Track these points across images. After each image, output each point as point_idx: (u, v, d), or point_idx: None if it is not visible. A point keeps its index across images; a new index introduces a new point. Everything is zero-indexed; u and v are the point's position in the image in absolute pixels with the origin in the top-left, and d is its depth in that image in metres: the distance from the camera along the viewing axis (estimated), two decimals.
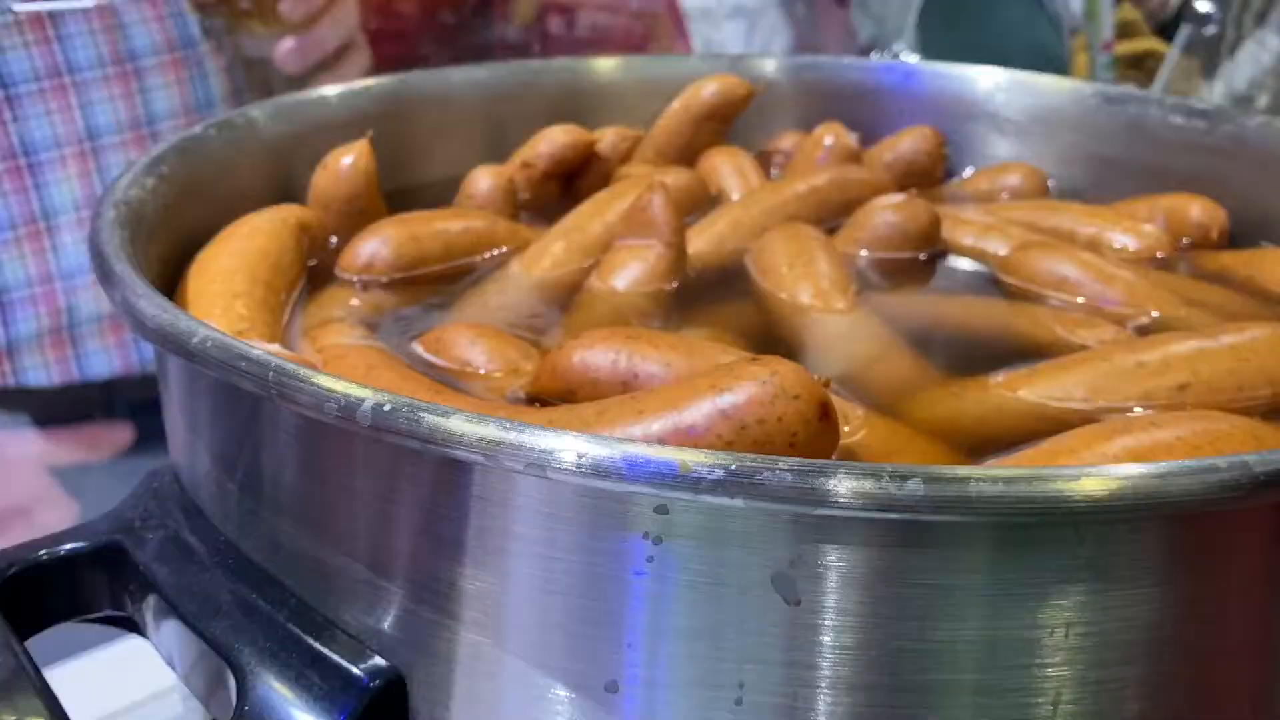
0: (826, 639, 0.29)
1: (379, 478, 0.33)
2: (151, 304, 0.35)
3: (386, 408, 0.29)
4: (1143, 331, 0.52)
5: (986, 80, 0.74)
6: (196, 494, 0.41)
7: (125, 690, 0.66)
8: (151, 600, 0.40)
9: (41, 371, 1.03)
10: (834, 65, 0.77)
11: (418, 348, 0.48)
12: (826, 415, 0.37)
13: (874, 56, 1.19)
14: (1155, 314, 0.54)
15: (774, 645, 0.30)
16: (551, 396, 0.43)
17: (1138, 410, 0.44)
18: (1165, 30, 2.15)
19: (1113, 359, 0.46)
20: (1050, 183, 0.72)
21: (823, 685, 0.30)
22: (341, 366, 0.45)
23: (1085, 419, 0.43)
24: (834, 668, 0.30)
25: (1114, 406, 0.44)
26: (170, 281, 0.50)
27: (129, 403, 1.09)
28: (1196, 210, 0.64)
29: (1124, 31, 2.15)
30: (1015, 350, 0.51)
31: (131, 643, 0.50)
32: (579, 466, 0.27)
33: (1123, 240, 0.63)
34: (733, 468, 0.26)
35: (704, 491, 0.26)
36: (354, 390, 0.29)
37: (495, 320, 0.53)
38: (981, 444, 0.43)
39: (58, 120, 1.00)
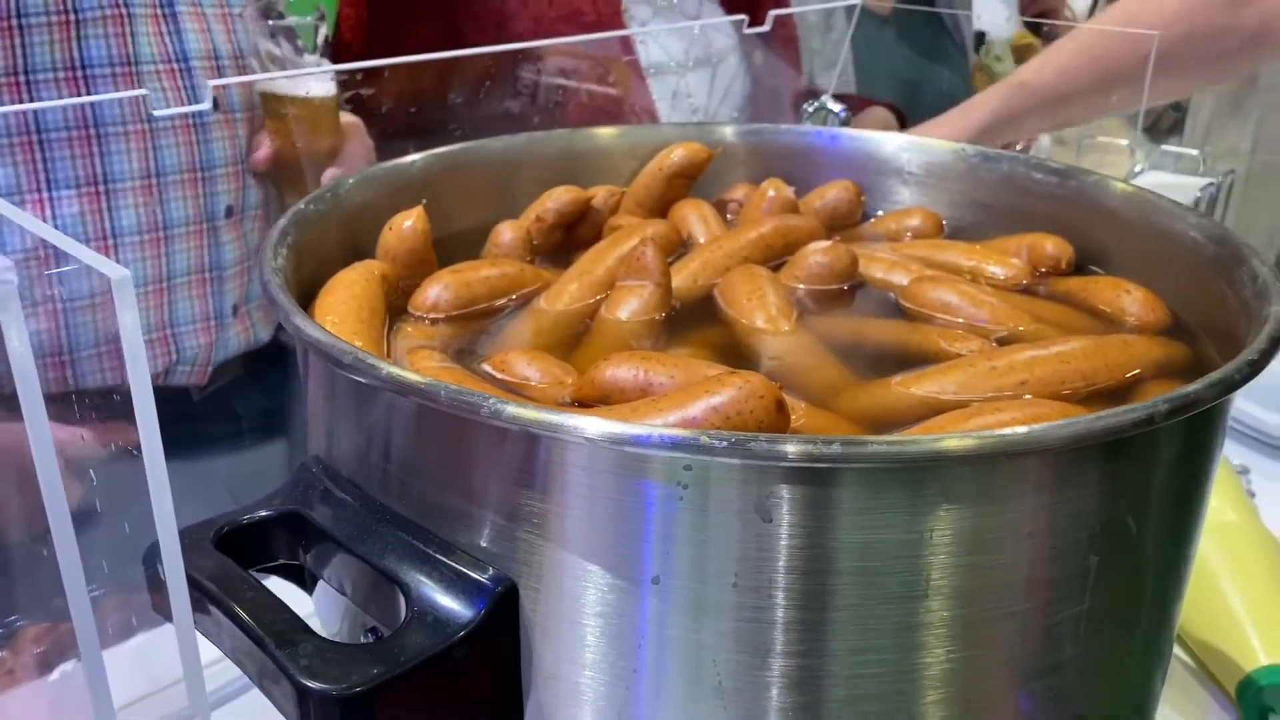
0: (786, 543, 0.49)
1: (486, 449, 0.51)
2: (344, 347, 0.53)
3: (520, 410, 0.48)
4: (1004, 343, 0.71)
5: (892, 143, 0.94)
6: (347, 470, 0.60)
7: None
8: (324, 547, 0.58)
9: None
10: (775, 131, 0.97)
11: (487, 367, 0.66)
12: (781, 408, 0.56)
13: (805, 107, 1.39)
14: (1014, 329, 0.74)
15: (756, 548, 0.49)
16: (591, 400, 0.62)
17: (987, 397, 0.64)
18: None
19: (976, 364, 0.65)
20: (944, 223, 0.92)
21: (782, 572, 0.49)
22: None
23: (956, 407, 0.63)
24: (789, 561, 0.49)
25: (976, 398, 0.64)
26: None
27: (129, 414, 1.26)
28: (1050, 246, 0.84)
29: (1024, 56, 2.39)
30: (910, 358, 0.70)
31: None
32: (652, 442, 0.46)
33: (995, 271, 0.84)
34: (733, 440, 0.45)
35: (716, 455, 0.45)
36: (497, 400, 0.48)
37: (536, 344, 0.72)
38: (884, 427, 0.62)
39: (80, 164, 1.16)
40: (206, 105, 0.89)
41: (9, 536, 0.86)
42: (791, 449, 0.45)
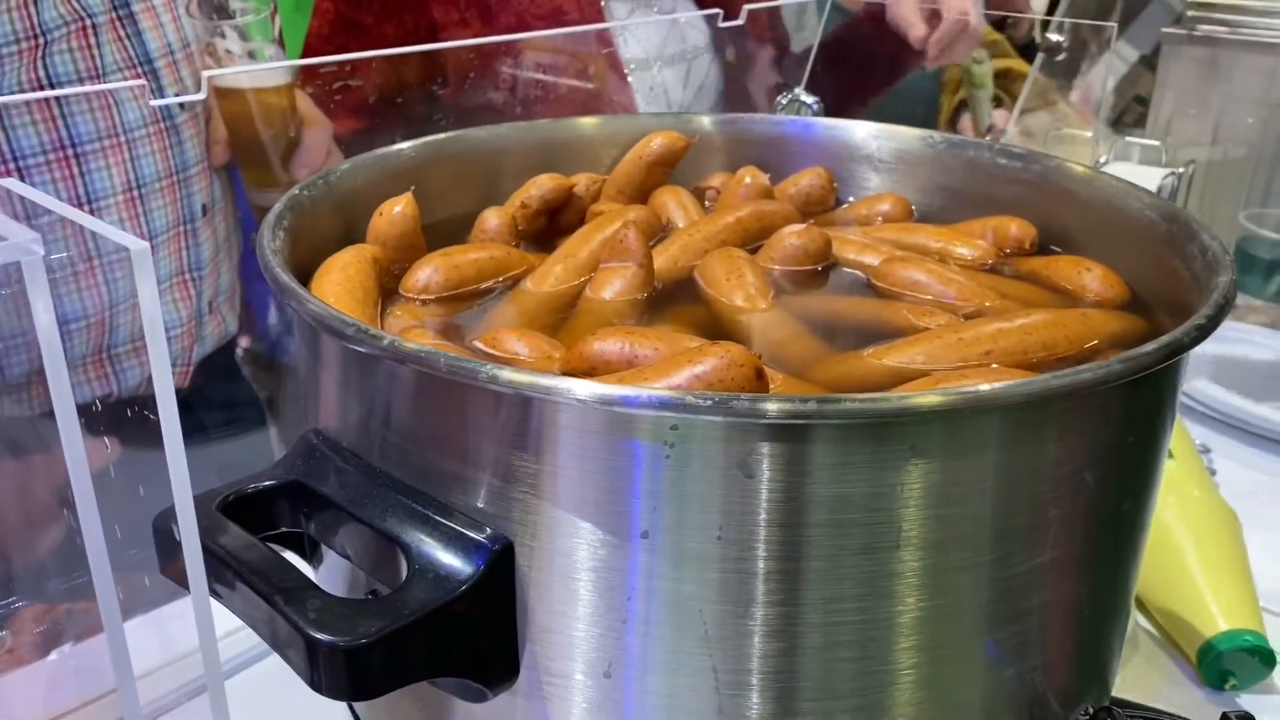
0: (766, 498, 0.52)
1: (485, 412, 0.54)
2: (346, 320, 0.56)
3: (518, 375, 0.51)
4: (969, 318, 0.75)
5: (862, 131, 0.97)
6: (347, 439, 0.62)
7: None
8: (327, 513, 0.61)
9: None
10: (751, 121, 1.00)
11: (478, 343, 0.69)
12: (761, 376, 0.59)
13: (779, 100, 1.42)
14: (981, 305, 0.77)
15: (738, 502, 0.52)
16: (579, 373, 0.65)
17: (954, 367, 0.67)
18: (1026, 48, 2.44)
19: (943, 336, 0.69)
20: (913, 208, 0.96)
21: (763, 525, 0.52)
22: None
23: (924, 375, 0.66)
24: (770, 514, 0.52)
25: (942, 367, 0.67)
26: None
27: (109, 423, 1.28)
28: (1015, 228, 0.88)
29: (992, 52, 2.43)
30: (881, 332, 0.73)
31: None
32: (640, 403, 0.49)
33: (962, 252, 0.87)
34: (717, 399, 0.48)
35: (700, 413, 0.49)
36: (494, 366, 0.51)
37: (523, 322, 0.75)
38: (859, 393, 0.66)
39: (63, 186, 1.16)
40: (203, 95, 0.91)
41: (8, 517, 0.89)
42: (771, 407, 0.48)
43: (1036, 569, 0.57)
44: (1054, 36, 2.04)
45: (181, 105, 1.24)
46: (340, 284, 0.71)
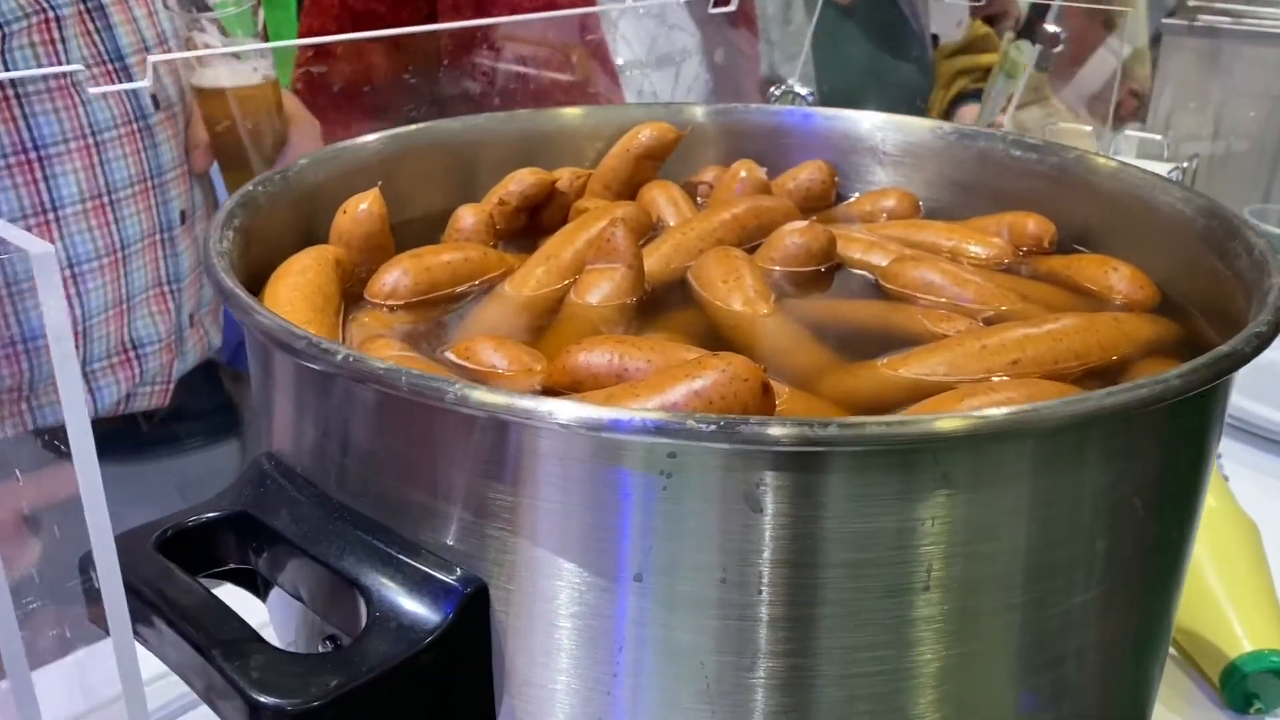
0: (776, 534, 0.45)
1: (453, 436, 0.47)
2: (296, 332, 0.49)
3: (490, 395, 0.44)
4: (990, 323, 0.68)
5: (867, 121, 0.91)
6: (301, 466, 0.55)
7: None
8: (278, 549, 0.54)
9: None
10: (746, 111, 0.93)
11: (450, 355, 0.62)
12: (767, 391, 0.53)
13: (772, 91, 1.36)
14: (999, 308, 0.71)
15: (745, 540, 0.45)
16: (562, 388, 0.58)
17: (978, 378, 0.61)
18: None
19: (965, 344, 0.62)
20: (920, 203, 0.90)
21: (773, 565, 0.46)
22: None
23: (946, 388, 0.60)
24: (780, 553, 0.45)
25: (966, 379, 0.61)
26: None
27: None
28: (1032, 225, 0.81)
29: (978, 46, 2.38)
30: (894, 340, 0.67)
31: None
32: (633, 427, 0.42)
33: (976, 250, 0.81)
34: (720, 423, 0.42)
35: (702, 439, 0.42)
36: (464, 385, 0.44)
37: (499, 331, 0.68)
38: (872, 409, 0.59)
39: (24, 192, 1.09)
40: (146, 83, 0.84)
41: None
42: (784, 432, 0.42)
43: (1078, 608, 0.51)
44: (1051, 27, 1.98)
45: (157, 104, 1.18)
46: (297, 289, 0.64)
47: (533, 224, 0.86)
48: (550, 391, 0.59)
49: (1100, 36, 2.27)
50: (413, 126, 0.83)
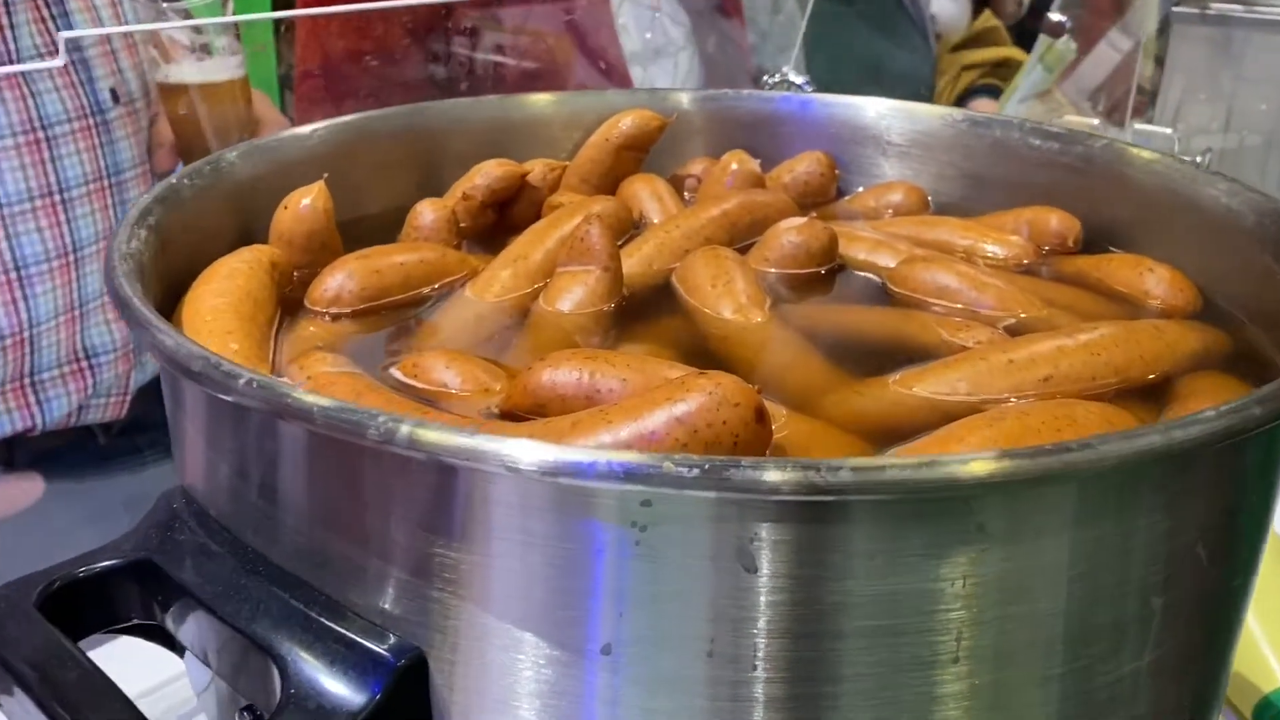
0: (775, 598, 0.37)
1: (388, 481, 0.39)
2: (194, 350, 0.41)
3: (420, 431, 0.35)
4: (1012, 332, 0.60)
5: (871, 109, 0.83)
6: (215, 507, 0.47)
7: None
8: (184, 605, 0.46)
9: None
10: (737, 97, 0.85)
11: (396, 372, 0.54)
12: (762, 418, 0.45)
13: (765, 80, 1.28)
14: (1022, 315, 0.63)
15: (737, 605, 0.37)
16: (524, 411, 0.50)
17: (1011, 400, 0.53)
18: (1022, 36, 2.31)
19: (988, 358, 0.54)
20: (929, 198, 0.81)
21: (771, 636, 0.38)
22: (334, 393, 0.51)
23: (969, 409, 0.51)
24: (779, 620, 0.37)
25: (992, 398, 0.53)
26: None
27: (31, 455, 1.13)
28: (1055, 221, 0.73)
29: (984, 39, 2.30)
30: (907, 352, 0.59)
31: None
32: (598, 472, 0.34)
33: (993, 250, 0.73)
34: (706, 467, 0.33)
35: (684, 486, 0.34)
36: (389, 416, 0.36)
37: (456, 343, 0.59)
38: (885, 434, 0.51)
39: None
40: (60, 62, 0.76)
41: None
42: (784, 478, 0.34)
43: (1128, 677, 0.43)
44: (1055, 16, 1.91)
45: (116, 98, 1.10)
46: (222, 296, 0.56)
47: (502, 221, 0.77)
48: (510, 415, 0.51)
49: (1106, 26, 2.20)
50: (368, 113, 0.75)
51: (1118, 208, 0.72)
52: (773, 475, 0.33)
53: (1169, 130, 1.75)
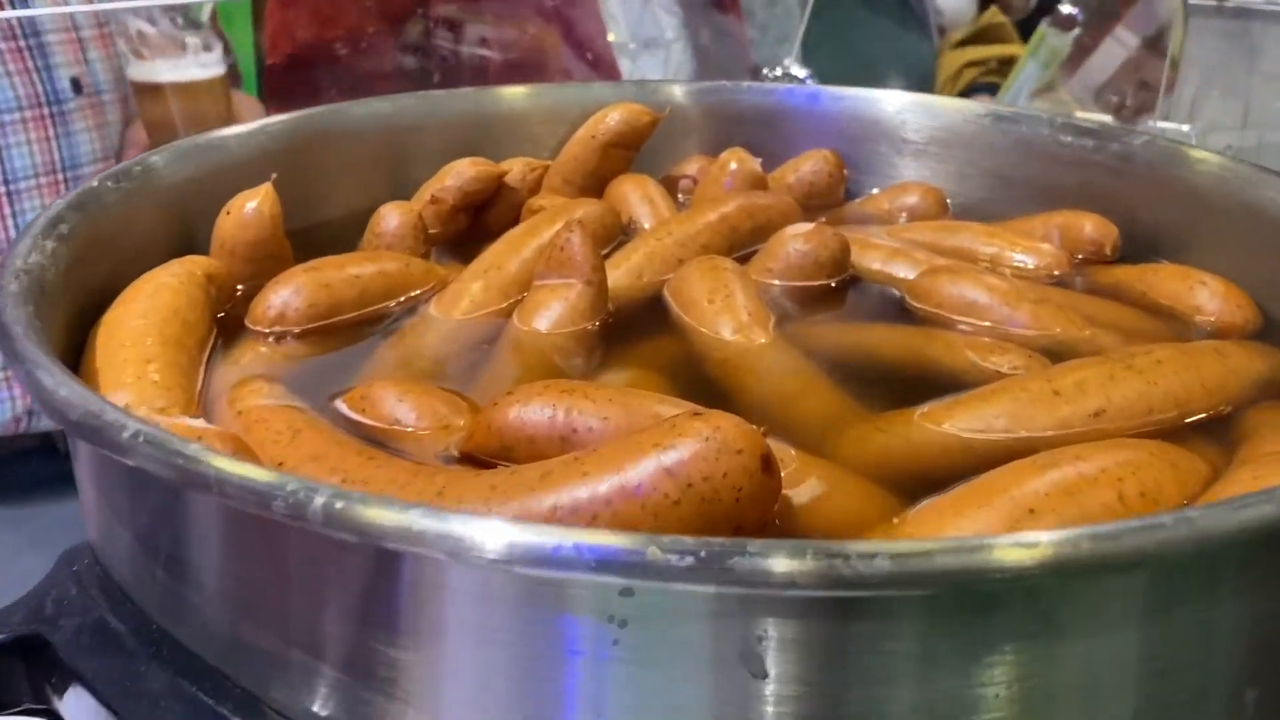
0: (785, 709, 0.30)
1: (315, 564, 0.32)
2: (73, 393, 0.33)
3: (338, 504, 0.28)
4: (1048, 354, 0.53)
5: (886, 102, 0.75)
6: (119, 576, 0.40)
7: None
8: (76, 692, 0.38)
9: None
10: (736, 90, 0.78)
11: (343, 406, 0.47)
12: (769, 467, 0.37)
13: (765, 73, 1.20)
14: (1060, 335, 0.55)
15: (739, 713, 0.30)
16: (486, 455, 0.43)
17: (1050, 435, 0.46)
18: (1028, 32, 2.23)
19: (1029, 388, 0.47)
20: (948, 200, 0.74)
21: None
22: (265, 431, 0.44)
23: (1009, 451, 0.44)
24: None
25: (1035, 436, 0.45)
26: (76, 348, 0.47)
27: None
28: (1090, 227, 0.66)
29: (991, 36, 2.23)
30: (932, 379, 0.52)
31: None
32: (560, 559, 0.26)
33: (1021, 259, 0.65)
34: (702, 555, 0.26)
35: (672, 579, 0.26)
36: (302, 486, 0.29)
37: (417, 369, 0.52)
38: (911, 480, 0.44)
39: None
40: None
41: None
42: (803, 568, 0.26)
43: None
44: (1066, 9, 1.83)
45: (78, 88, 1.02)
46: (145, 316, 0.49)
47: (476, 227, 0.70)
48: (472, 459, 0.43)
49: (1114, 22, 2.13)
50: (326, 107, 0.68)
51: (1161, 212, 0.65)
52: (787, 565, 0.26)
53: (1185, 128, 1.68)
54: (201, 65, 1.03)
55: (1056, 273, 0.65)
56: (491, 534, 0.27)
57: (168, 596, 0.37)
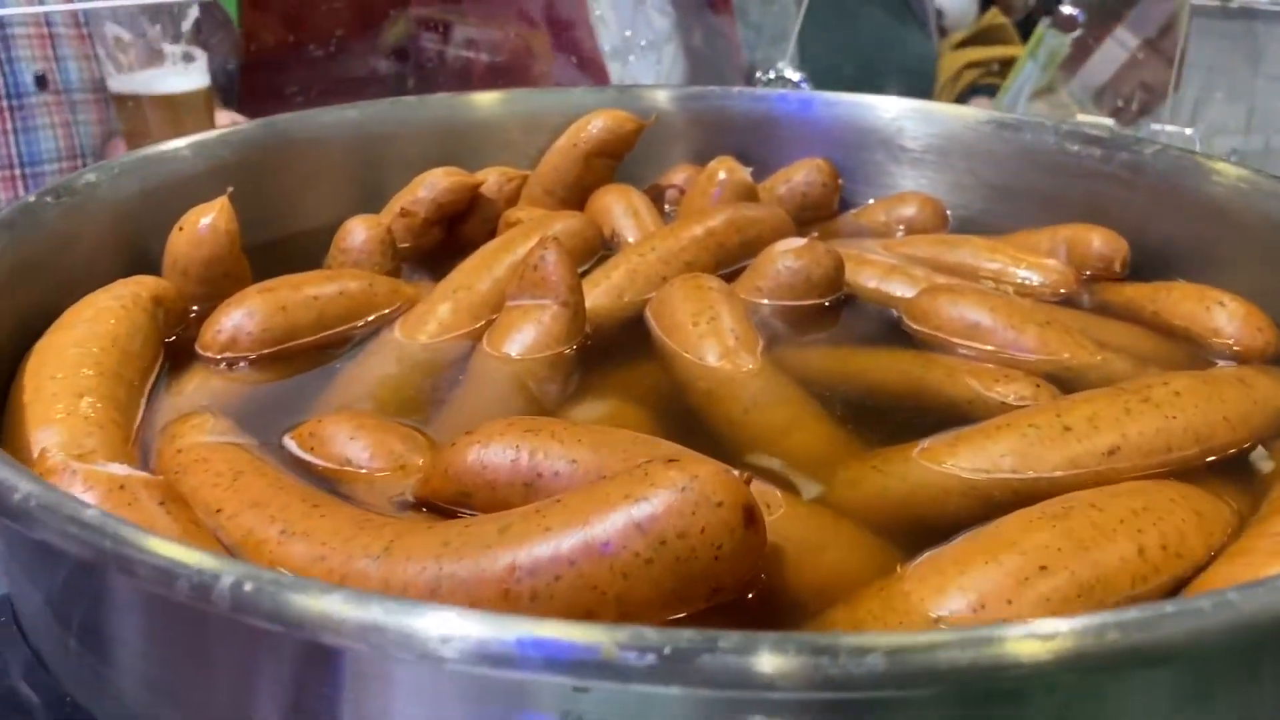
0: None
1: (240, 648, 0.28)
2: None
3: (247, 587, 0.24)
4: (1057, 381, 0.50)
5: (882, 108, 0.72)
6: (35, 640, 0.36)
7: None
8: None
9: None
10: (725, 95, 0.74)
11: (291, 443, 0.43)
12: (753, 521, 0.34)
13: (759, 76, 1.16)
14: (1068, 361, 0.52)
15: None
16: (443, 501, 0.39)
17: (1060, 475, 0.42)
18: (1030, 34, 2.19)
19: (1038, 422, 0.43)
20: (947, 212, 0.70)
21: None
22: (205, 473, 0.40)
23: (1015, 494, 0.41)
24: None
25: (1043, 477, 0.42)
26: (6, 378, 0.44)
27: None
28: (1098, 241, 0.63)
29: (992, 37, 2.19)
30: (931, 409, 0.48)
31: None
32: (499, 655, 0.23)
33: (1026, 275, 0.62)
34: (666, 652, 0.22)
35: (634, 680, 0.23)
36: (208, 564, 0.25)
37: (378, 398, 0.48)
38: (909, 525, 0.40)
39: None
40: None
41: None
42: (787, 667, 0.22)
43: None
44: (1067, 10, 1.80)
45: (44, 84, 0.98)
46: (82, 344, 0.45)
47: (452, 241, 0.67)
48: (427, 505, 0.39)
49: (1115, 23, 2.09)
50: (290, 115, 0.64)
51: (1174, 226, 0.62)
52: (769, 664, 0.22)
53: (1189, 130, 1.64)
54: (182, 77, 0.99)
55: (1063, 291, 0.61)
56: (422, 625, 0.23)
57: (83, 670, 0.33)
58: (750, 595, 0.35)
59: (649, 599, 0.32)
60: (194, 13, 1.00)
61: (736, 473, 0.34)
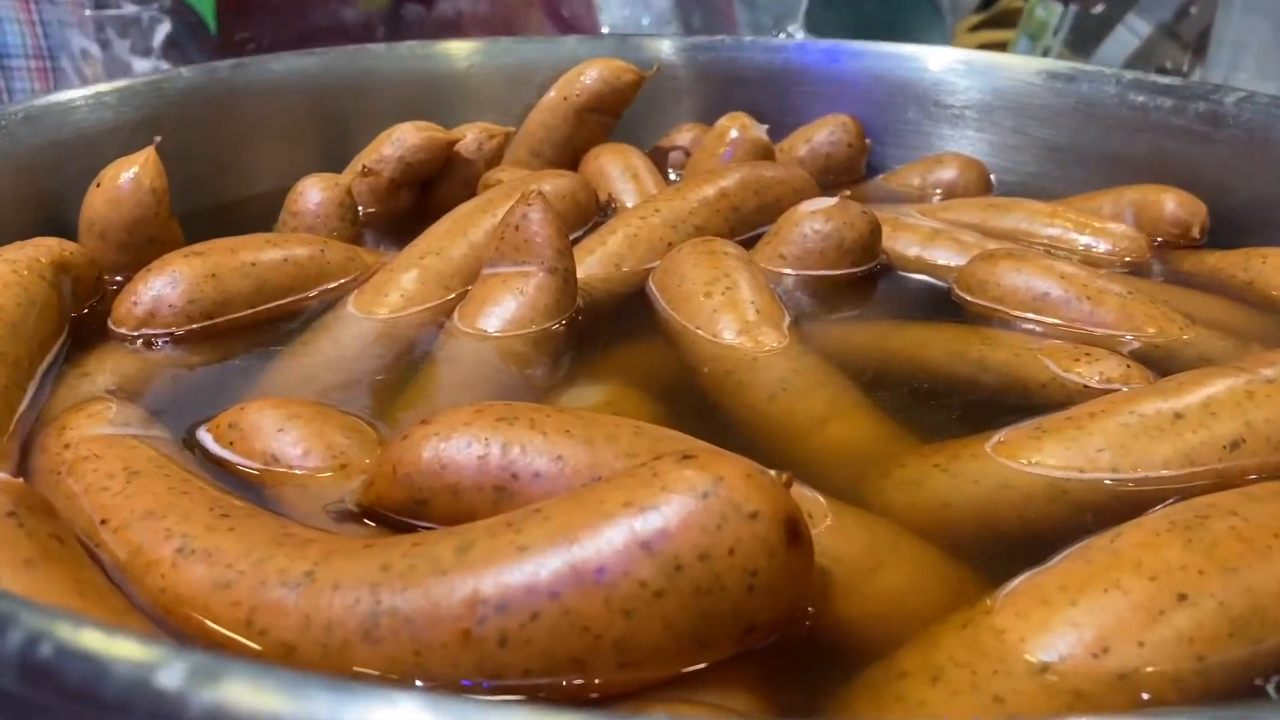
0: None
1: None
2: None
3: (42, 650, 0.16)
4: (1141, 360, 0.41)
5: (917, 59, 0.64)
6: None
7: None
8: None
9: None
10: (737, 45, 0.66)
11: (206, 436, 0.34)
12: (797, 537, 0.26)
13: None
14: (1154, 337, 0.43)
15: None
16: (393, 510, 0.30)
17: (1172, 474, 0.33)
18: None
19: (1140, 409, 0.35)
20: (991, 176, 0.62)
21: None
22: (94, 473, 0.32)
23: (1117, 499, 0.32)
24: None
25: (1151, 477, 0.33)
26: None
27: None
28: (1173, 204, 0.54)
29: (1007, 21, 2.11)
30: (995, 395, 0.40)
31: None
32: None
33: (1088, 243, 0.54)
34: None
35: None
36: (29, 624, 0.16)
37: (322, 386, 0.40)
38: (984, 542, 0.32)
39: None
40: None
41: None
42: None
43: None
44: None
45: None
46: None
47: (425, 206, 0.58)
48: (372, 515, 0.31)
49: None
50: (232, 61, 0.56)
51: (1261, 185, 0.53)
52: None
53: None
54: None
55: (1129, 259, 0.53)
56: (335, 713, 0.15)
57: None
58: (792, 635, 0.26)
59: (659, 645, 0.24)
60: (165, 28, 0.91)
61: (773, 473, 0.26)
